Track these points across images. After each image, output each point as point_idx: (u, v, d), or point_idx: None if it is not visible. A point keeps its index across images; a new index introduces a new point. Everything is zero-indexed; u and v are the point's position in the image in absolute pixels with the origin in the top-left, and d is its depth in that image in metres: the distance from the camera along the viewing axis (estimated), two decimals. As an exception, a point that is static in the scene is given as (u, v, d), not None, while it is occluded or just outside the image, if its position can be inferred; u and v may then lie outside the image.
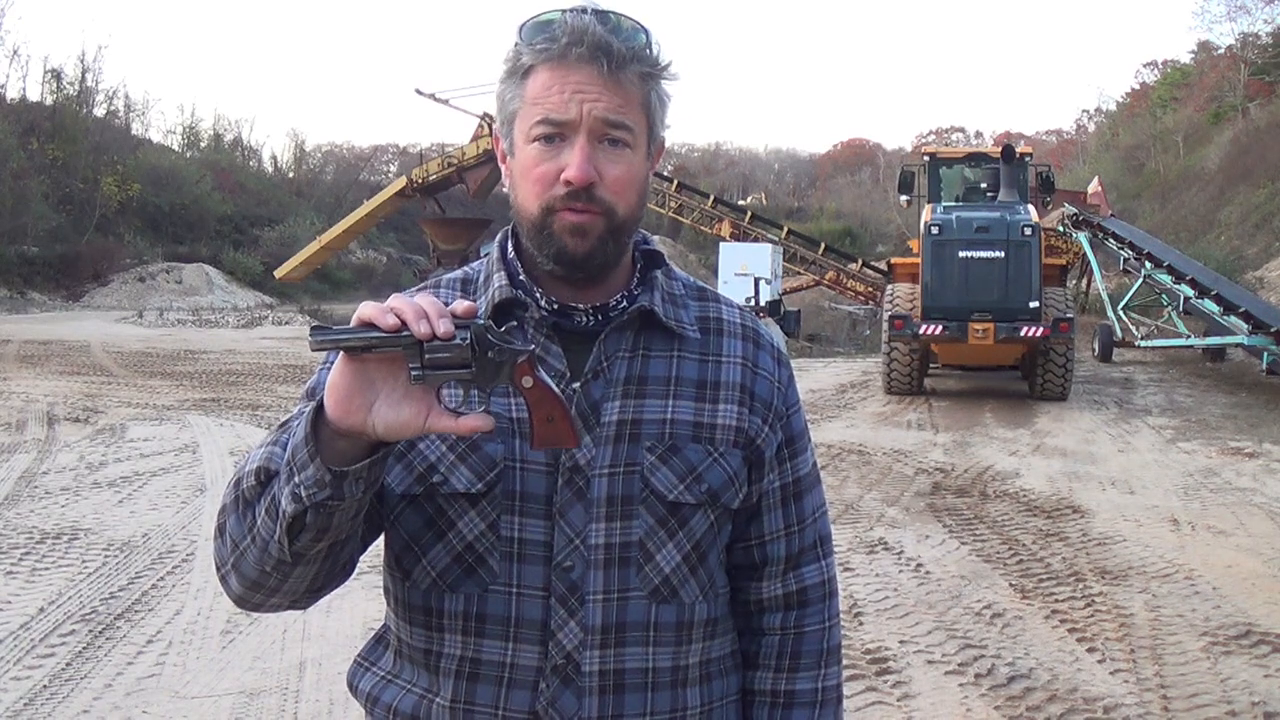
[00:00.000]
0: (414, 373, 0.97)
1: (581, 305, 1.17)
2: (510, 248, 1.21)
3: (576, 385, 1.15)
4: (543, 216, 1.11)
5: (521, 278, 1.18)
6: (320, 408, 1.00)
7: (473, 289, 1.22)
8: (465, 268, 1.26)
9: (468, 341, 0.98)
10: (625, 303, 1.18)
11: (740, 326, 1.24)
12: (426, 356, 0.97)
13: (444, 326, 0.96)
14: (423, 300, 0.98)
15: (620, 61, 1.09)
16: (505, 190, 1.20)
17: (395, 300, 0.99)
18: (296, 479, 1.00)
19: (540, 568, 1.12)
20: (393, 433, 0.99)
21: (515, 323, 1.15)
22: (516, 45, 1.12)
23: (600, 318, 1.17)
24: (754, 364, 1.22)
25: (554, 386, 1.03)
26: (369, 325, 0.97)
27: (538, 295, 1.17)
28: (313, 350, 0.98)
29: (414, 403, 0.99)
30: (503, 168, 1.18)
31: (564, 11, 1.10)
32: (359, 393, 0.98)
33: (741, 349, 1.22)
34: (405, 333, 0.96)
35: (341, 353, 0.98)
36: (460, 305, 1.00)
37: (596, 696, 1.13)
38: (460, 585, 1.14)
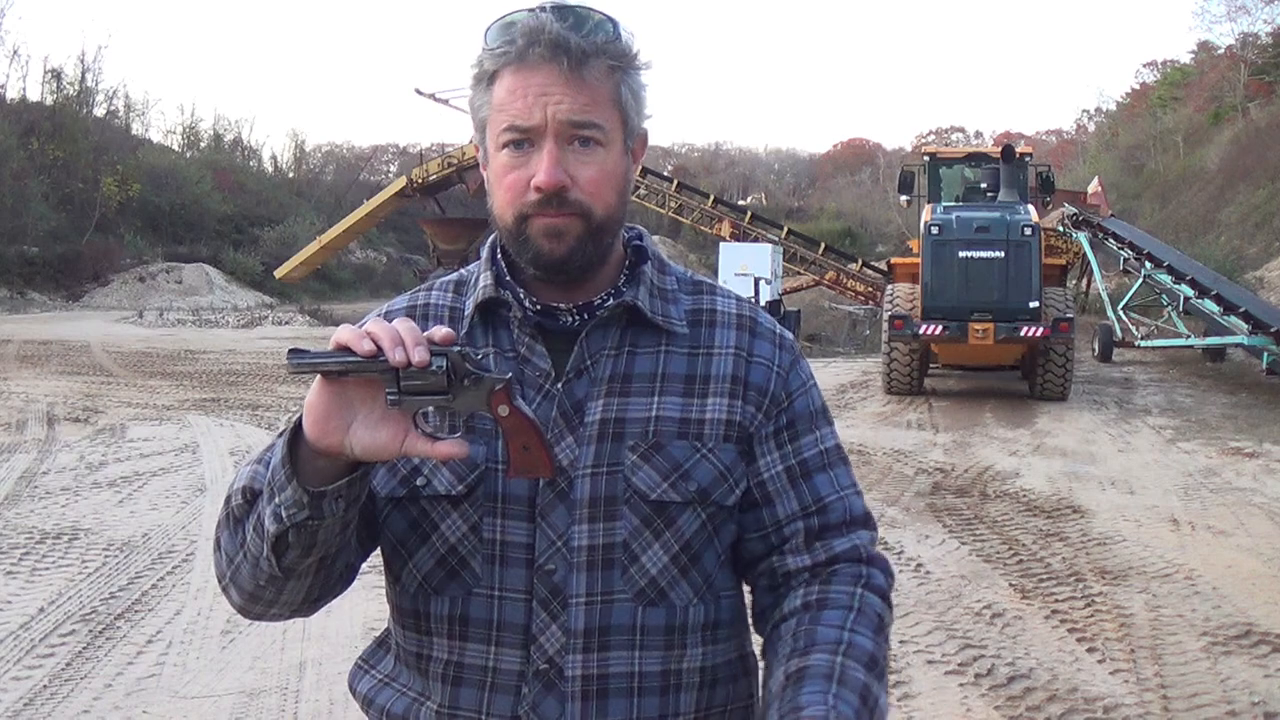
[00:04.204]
0: (390, 397, 0.97)
1: (564, 305, 1.15)
2: (498, 249, 1.21)
3: (560, 385, 1.13)
4: (518, 224, 1.10)
5: (508, 278, 1.18)
6: (298, 428, 1.00)
7: (466, 290, 1.21)
8: (462, 269, 1.26)
9: (444, 369, 0.98)
10: (610, 300, 1.16)
11: (735, 316, 1.20)
12: (403, 382, 0.97)
13: (419, 355, 0.96)
14: (400, 326, 0.98)
15: (580, 57, 1.06)
16: None
17: (372, 325, 0.98)
18: (277, 499, 1.01)
19: (522, 570, 1.11)
20: (369, 454, 0.99)
21: (493, 349, 1.15)
22: (481, 50, 1.10)
23: (585, 316, 1.15)
24: (749, 352, 1.18)
25: (531, 415, 1.02)
26: (346, 349, 0.96)
27: (521, 296, 1.16)
28: (290, 373, 0.98)
29: (391, 425, 0.99)
30: (484, 174, 1.17)
31: (527, 11, 1.08)
32: (336, 414, 0.98)
33: (735, 339, 1.18)
34: (381, 358, 0.96)
35: (319, 375, 0.97)
36: (438, 332, 1.00)
37: (579, 701, 1.10)
38: (445, 588, 1.13)
